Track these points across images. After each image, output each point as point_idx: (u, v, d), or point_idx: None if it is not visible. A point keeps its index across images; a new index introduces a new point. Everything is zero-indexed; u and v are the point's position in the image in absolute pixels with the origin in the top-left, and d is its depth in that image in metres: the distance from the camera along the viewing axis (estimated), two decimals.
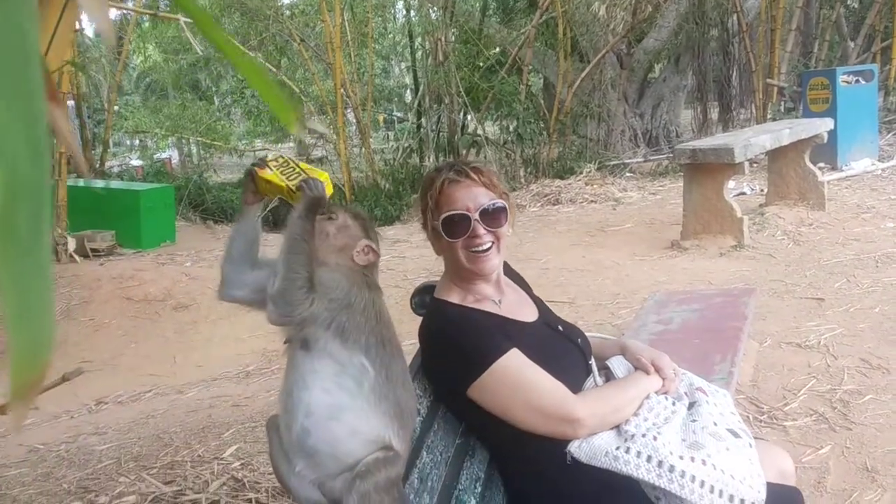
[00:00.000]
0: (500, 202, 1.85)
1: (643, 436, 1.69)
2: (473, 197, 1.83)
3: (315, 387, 1.45)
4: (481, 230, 1.82)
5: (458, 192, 1.84)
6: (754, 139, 6.76)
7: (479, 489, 1.79)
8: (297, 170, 1.55)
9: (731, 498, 1.63)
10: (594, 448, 1.70)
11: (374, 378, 1.48)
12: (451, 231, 1.84)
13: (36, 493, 3.09)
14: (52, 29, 1.29)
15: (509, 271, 2.07)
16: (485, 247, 1.83)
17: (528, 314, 1.95)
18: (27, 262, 0.39)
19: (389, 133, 20.29)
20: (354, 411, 1.46)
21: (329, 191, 1.53)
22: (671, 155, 9.85)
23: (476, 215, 1.82)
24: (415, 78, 16.14)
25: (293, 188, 1.51)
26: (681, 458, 1.66)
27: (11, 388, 0.39)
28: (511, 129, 13.41)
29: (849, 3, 16.83)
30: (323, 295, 1.46)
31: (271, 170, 1.55)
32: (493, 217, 1.83)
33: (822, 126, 7.81)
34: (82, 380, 4.82)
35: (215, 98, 20.81)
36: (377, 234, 1.63)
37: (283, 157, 1.59)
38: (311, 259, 1.46)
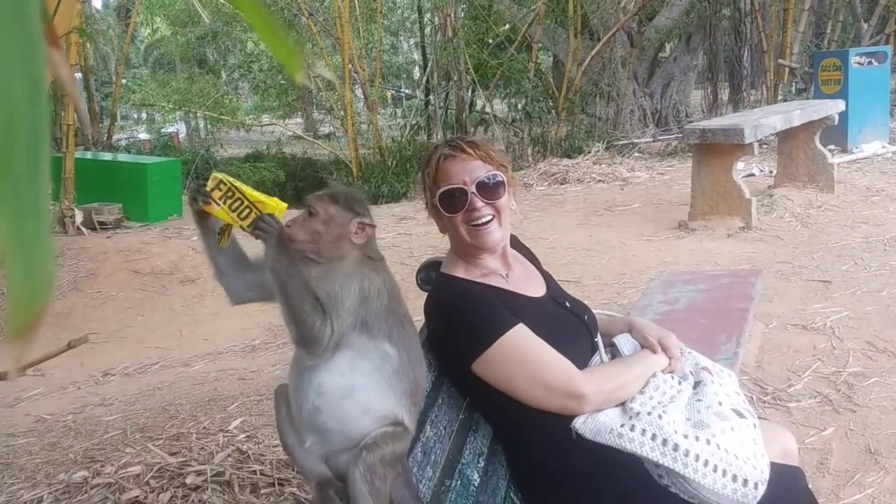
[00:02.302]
0: (497, 174, 1.84)
1: (648, 414, 1.69)
2: (470, 171, 1.83)
3: (330, 370, 1.44)
4: (479, 203, 1.82)
5: (454, 166, 1.83)
6: (764, 120, 6.71)
7: (482, 463, 1.80)
8: (246, 202, 1.44)
9: (735, 477, 1.63)
10: (599, 424, 1.70)
11: (397, 361, 1.47)
12: (448, 206, 1.83)
13: (43, 462, 3.12)
14: None
15: (518, 245, 2.06)
16: (484, 220, 1.83)
17: (536, 289, 1.94)
18: (25, 199, 0.38)
19: (397, 110, 20.20)
20: (368, 391, 1.45)
21: (283, 211, 1.45)
22: (680, 135, 9.79)
23: (473, 188, 1.81)
24: (423, 54, 16.03)
25: (247, 228, 1.43)
26: (685, 437, 1.66)
27: (10, 327, 0.39)
28: (519, 107, 13.35)
29: None
30: (339, 310, 1.42)
31: (218, 205, 1.44)
32: (491, 190, 1.83)
33: (834, 108, 7.74)
34: (89, 351, 4.87)
35: (223, 72, 20.71)
36: (365, 205, 1.56)
37: (225, 182, 1.45)
38: (307, 288, 1.41)
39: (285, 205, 1.47)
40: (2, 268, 0.38)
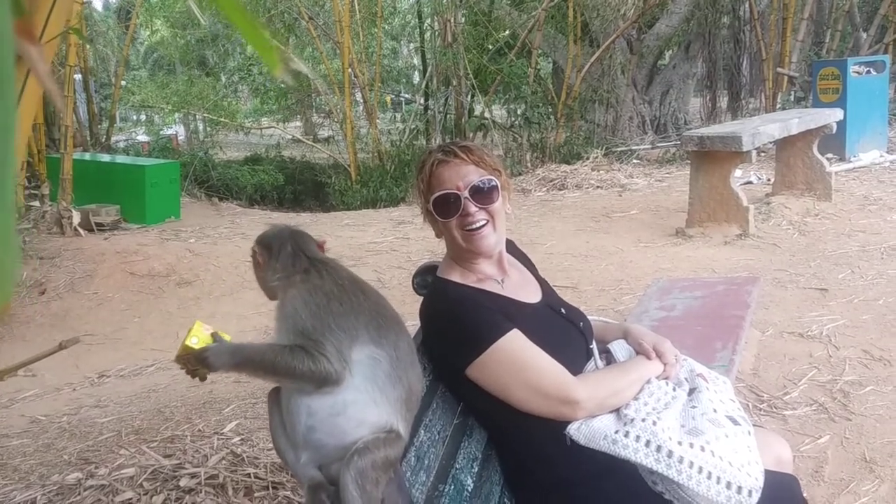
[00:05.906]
0: (491, 179, 1.85)
1: (643, 420, 1.69)
2: (463, 175, 1.83)
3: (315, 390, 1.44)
4: (472, 208, 1.82)
5: (448, 171, 1.84)
6: (763, 128, 6.72)
7: (476, 469, 1.79)
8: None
9: (729, 484, 1.63)
10: (593, 431, 1.69)
11: (388, 363, 1.47)
12: (442, 211, 1.84)
13: (37, 464, 3.11)
14: None
15: (515, 251, 2.06)
16: (478, 224, 1.83)
17: (532, 295, 1.94)
18: None
19: (396, 114, 20.23)
20: (360, 405, 1.44)
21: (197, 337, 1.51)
22: (679, 142, 9.80)
23: (466, 193, 1.82)
24: (423, 59, 16.05)
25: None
26: (679, 443, 1.66)
27: None
28: (519, 112, 13.35)
29: None
30: (310, 336, 1.43)
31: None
32: (484, 194, 1.83)
33: (832, 116, 7.76)
34: (84, 353, 4.86)
35: (222, 75, 20.69)
36: (268, 236, 1.62)
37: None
38: (274, 353, 1.44)
39: (198, 329, 1.55)
40: None
